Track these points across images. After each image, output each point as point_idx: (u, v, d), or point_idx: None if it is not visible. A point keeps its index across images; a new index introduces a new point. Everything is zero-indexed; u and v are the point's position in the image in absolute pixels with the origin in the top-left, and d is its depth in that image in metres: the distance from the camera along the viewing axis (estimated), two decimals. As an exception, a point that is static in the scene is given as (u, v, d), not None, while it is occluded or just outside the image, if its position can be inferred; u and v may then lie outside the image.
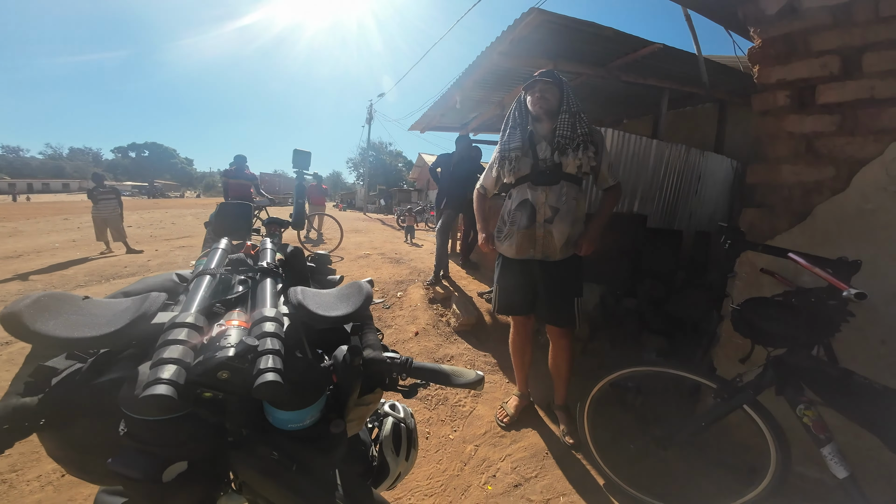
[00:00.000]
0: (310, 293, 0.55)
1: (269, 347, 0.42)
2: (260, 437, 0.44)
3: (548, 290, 1.67)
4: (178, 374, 0.36)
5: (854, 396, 0.94)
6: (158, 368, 0.36)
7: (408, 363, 0.57)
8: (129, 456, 0.38)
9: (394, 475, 0.78)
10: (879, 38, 1.25)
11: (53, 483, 1.44)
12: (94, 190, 5.82)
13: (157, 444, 0.39)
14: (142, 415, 0.38)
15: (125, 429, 0.39)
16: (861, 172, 1.31)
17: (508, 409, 1.94)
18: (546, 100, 1.58)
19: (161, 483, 0.38)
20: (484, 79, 4.34)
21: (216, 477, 0.45)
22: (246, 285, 0.57)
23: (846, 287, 0.85)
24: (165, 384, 0.35)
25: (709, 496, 1.32)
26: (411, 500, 1.47)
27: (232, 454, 0.43)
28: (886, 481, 1.18)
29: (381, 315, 3.21)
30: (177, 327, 0.41)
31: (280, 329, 0.46)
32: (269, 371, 0.39)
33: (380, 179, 37.71)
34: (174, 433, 0.39)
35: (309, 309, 0.51)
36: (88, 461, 0.44)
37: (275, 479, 0.41)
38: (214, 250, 0.64)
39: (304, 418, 0.45)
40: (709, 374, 1.29)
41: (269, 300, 0.52)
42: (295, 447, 0.44)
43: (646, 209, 3.87)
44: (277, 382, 0.39)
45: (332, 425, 0.48)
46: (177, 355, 0.38)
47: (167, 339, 0.39)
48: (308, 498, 0.40)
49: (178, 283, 0.58)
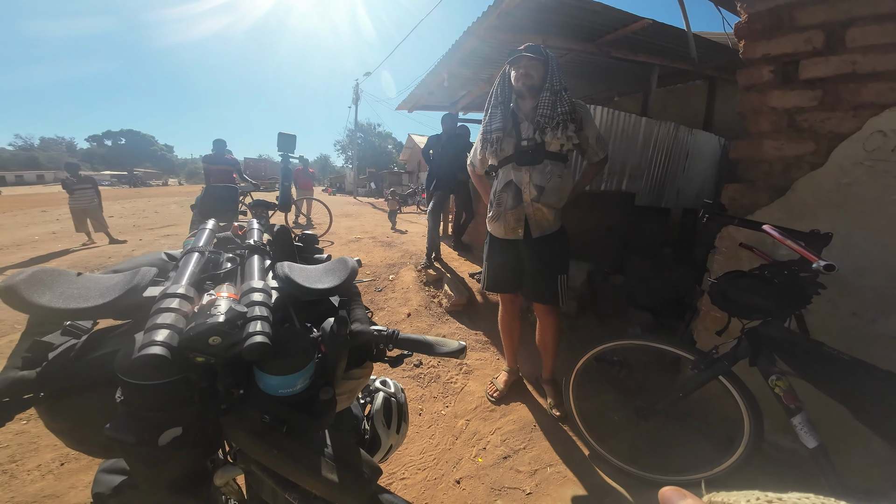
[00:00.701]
0: (297, 267, 0.57)
1: (258, 314, 0.44)
2: (251, 402, 0.46)
3: (533, 268, 1.70)
4: (170, 338, 0.38)
5: (824, 367, 0.98)
6: (152, 332, 0.38)
7: (394, 335, 0.60)
8: (125, 421, 0.40)
9: (385, 448, 0.82)
10: (863, 13, 1.25)
11: (54, 472, 1.46)
12: (70, 180, 5.61)
13: (152, 408, 0.41)
14: (137, 378, 0.40)
15: (121, 396, 0.41)
16: (840, 147, 1.33)
17: (498, 385, 2.01)
18: (530, 76, 1.56)
19: (157, 446, 0.40)
20: (472, 56, 4.22)
21: (210, 443, 0.47)
22: (235, 262, 0.59)
23: (816, 259, 0.88)
24: (159, 345, 0.37)
25: (688, 464, 1.39)
26: (405, 474, 1.53)
27: (224, 419, 0.45)
28: (854, 451, 1.24)
29: (373, 298, 3.23)
30: (168, 297, 0.43)
31: (268, 298, 0.48)
32: (258, 334, 0.41)
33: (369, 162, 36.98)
34: (168, 397, 0.41)
35: (295, 281, 0.53)
36: (86, 432, 0.46)
37: (264, 439, 0.43)
38: (202, 230, 0.66)
39: (294, 384, 0.47)
40: (687, 346, 1.34)
41: (258, 274, 0.54)
42: (285, 411, 0.46)
43: (634, 187, 3.90)
44: (265, 343, 0.41)
45: (322, 392, 0.50)
46: (170, 321, 0.40)
47: (160, 308, 0.41)
48: (296, 457, 0.42)
49: (168, 261, 0.60)
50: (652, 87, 4.42)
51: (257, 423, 0.44)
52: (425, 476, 1.52)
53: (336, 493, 0.42)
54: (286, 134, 1.05)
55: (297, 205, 6.49)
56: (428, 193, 3.94)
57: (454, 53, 4.07)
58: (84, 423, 0.45)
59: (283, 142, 1.03)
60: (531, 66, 1.56)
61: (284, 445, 0.43)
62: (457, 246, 4.30)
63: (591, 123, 1.65)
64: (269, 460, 0.43)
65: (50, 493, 1.37)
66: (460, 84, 5.40)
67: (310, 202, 7.18)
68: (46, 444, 1.58)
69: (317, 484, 0.42)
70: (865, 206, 1.30)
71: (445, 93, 5.76)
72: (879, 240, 1.29)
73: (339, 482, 0.41)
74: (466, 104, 6.30)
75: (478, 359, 2.39)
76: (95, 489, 0.54)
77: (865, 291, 1.32)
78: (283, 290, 0.54)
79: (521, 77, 1.57)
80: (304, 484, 0.43)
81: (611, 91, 6.34)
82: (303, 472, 0.42)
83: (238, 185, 5.11)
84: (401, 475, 1.52)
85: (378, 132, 48.68)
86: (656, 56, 4.17)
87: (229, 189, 0.98)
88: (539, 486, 1.47)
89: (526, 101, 1.61)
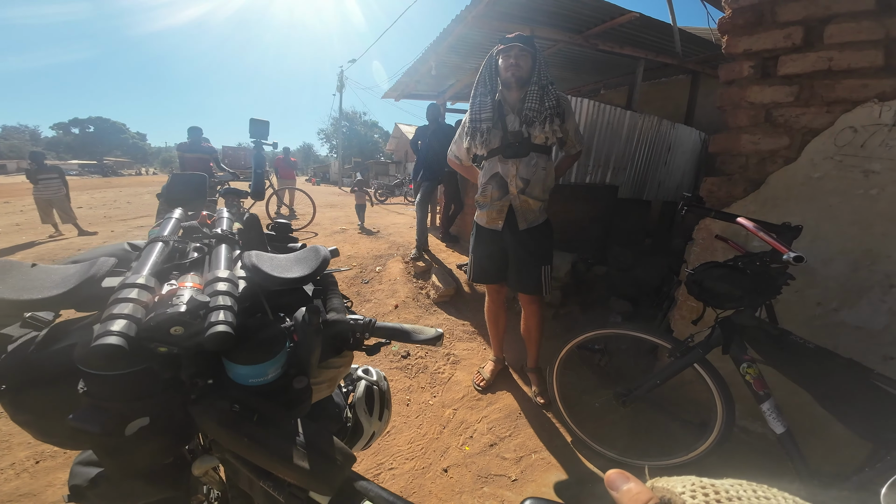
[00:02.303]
0: (265, 256, 0.56)
1: (221, 303, 0.43)
2: (220, 392, 0.46)
3: (517, 259, 1.73)
4: (127, 328, 0.37)
5: (790, 355, 1.03)
6: (108, 322, 0.37)
7: (370, 323, 0.60)
8: (89, 412, 0.40)
9: (367, 434, 0.83)
10: (842, 10, 1.28)
11: (29, 470, 1.42)
12: (33, 170, 5.30)
13: (115, 398, 0.41)
14: (95, 368, 0.40)
15: (84, 387, 0.40)
16: (812, 142, 1.38)
17: (485, 374, 2.04)
18: (519, 67, 1.55)
19: (123, 437, 0.40)
20: (460, 43, 4.15)
21: (180, 433, 0.47)
22: (201, 252, 0.58)
23: (786, 250, 0.92)
24: (116, 335, 0.36)
25: (665, 449, 1.45)
26: (393, 464, 1.55)
27: (193, 409, 0.45)
28: (817, 435, 1.31)
29: (360, 290, 3.21)
30: (127, 287, 0.42)
31: (233, 288, 0.47)
32: (220, 323, 0.41)
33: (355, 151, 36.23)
34: (131, 388, 0.41)
35: (262, 270, 0.52)
36: (52, 424, 0.46)
37: (233, 428, 0.43)
38: (168, 219, 0.64)
39: (265, 373, 0.47)
40: (664, 335, 1.39)
41: (224, 263, 0.53)
42: (256, 401, 0.46)
43: (617, 180, 3.96)
44: (227, 333, 0.40)
45: (296, 381, 0.50)
46: (127, 311, 0.39)
47: (117, 298, 0.40)
48: (267, 445, 0.42)
49: (130, 252, 0.58)
50: (637, 81, 4.46)
51: (226, 413, 0.44)
52: (413, 465, 1.54)
53: (308, 479, 0.42)
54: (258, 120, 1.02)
55: (278, 195, 6.32)
56: (415, 184, 3.91)
57: (442, 41, 4.00)
58: (49, 415, 0.44)
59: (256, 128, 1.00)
60: (521, 56, 1.55)
61: (254, 434, 0.43)
62: (445, 237, 4.29)
63: (572, 117, 1.66)
64: (239, 449, 0.43)
65: (26, 491, 1.33)
66: (448, 72, 5.31)
67: (292, 192, 7.00)
68: (20, 442, 1.53)
69: (288, 471, 0.42)
70: (833, 199, 1.36)
71: (433, 81, 5.66)
72: (844, 232, 1.35)
73: (311, 469, 0.42)
74: (454, 93, 6.21)
75: (465, 349, 2.42)
76: (72, 481, 0.53)
77: (830, 281, 1.39)
78: (250, 280, 0.53)
79: (510, 67, 1.55)
80: (277, 471, 0.43)
81: (597, 84, 6.37)
82: (274, 460, 0.42)
83: (215, 174, 4.93)
84: (389, 465, 1.54)
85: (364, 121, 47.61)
86: (642, 49, 4.20)
87: (197, 177, 0.94)
88: (524, 472, 1.52)
89: (512, 91, 1.60)
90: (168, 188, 0.93)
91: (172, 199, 0.86)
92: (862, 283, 1.34)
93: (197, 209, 0.78)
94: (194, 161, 5.08)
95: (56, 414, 0.43)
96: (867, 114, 1.27)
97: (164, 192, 0.89)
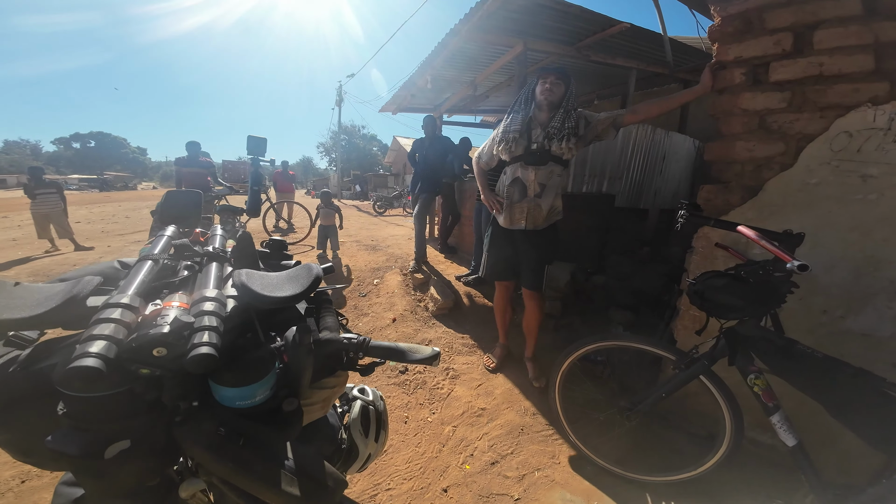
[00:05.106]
0: (256, 275, 0.55)
1: (206, 324, 0.42)
2: (206, 415, 0.45)
3: (527, 257, 1.96)
4: (107, 349, 0.37)
5: (798, 365, 1.00)
6: (87, 344, 0.37)
7: (364, 343, 0.58)
8: (67, 434, 0.39)
9: (363, 456, 0.80)
10: (829, 15, 1.29)
11: (14, 490, 1.38)
12: (31, 185, 5.31)
13: (94, 420, 0.40)
14: (73, 390, 0.38)
15: (63, 408, 0.40)
16: (808, 148, 1.37)
17: (494, 357, 2.33)
18: (553, 92, 1.79)
19: (103, 459, 0.39)
20: (455, 57, 4.21)
21: (163, 456, 0.45)
22: (191, 270, 0.57)
23: (790, 259, 0.90)
24: (93, 357, 0.35)
25: (672, 464, 1.40)
26: (390, 484, 1.49)
27: (177, 432, 0.43)
28: (829, 446, 1.27)
29: (357, 303, 3.17)
30: (110, 307, 0.41)
31: (220, 308, 0.46)
32: (203, 345, 0.40)
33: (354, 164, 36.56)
34: (111, 409, 0.40)
35: (252, 289, 0.51)
36: (32, 444, 0.44)
37: (219, 452, 0.42)
38: (160, 237, 0.64)
39: (253, 395, 0.46)
40: (668, 346, 1.36)
41: (213, 282, 0.52)
42: (244, 424, 0.45)
43: (614, 189, 3.97)
44: (210, 355, 0.39)
45: (286, 403, 0.49)
46: (108, 332, 0.38)
47: (99, 318, 0.40)
48: (254, 470, 0.41)
49: (119, 270, 0.58)
50: (630, 91, 4.52)
51: (212, 436, 0.42)
52: (411, 486, 1.48)
53: None
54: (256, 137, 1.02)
55: (276, 209, 6.32)
56: (413, 196, 3.91)
57: (438, 55, 4.06)
58: (29, 435, 0.44)
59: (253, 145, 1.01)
60: (556, 83, 1.78)
61: (241, 458, 0.41)
62: (443, 249, 4.28)
63: (596, 119, 1.83)
64: (225, 474, 0.42)
65: (9, 513, 1.28)
66: (445, 85, 5.39)
67: (290, 206, 7.01)
68: (5, 462, 1.49)
69: (276, 497, 0.41)
70: (831, 205, 1.35)
71: (430, 94, 5.74)
72: (845, 238, 1.34)
73: (301, 495, 0.40)
74: (451, 106, 6.29)
75: (465, 363, 2.37)
76: (55, 501, 0.52)
77: (833, 289, 1.37)
78: (240, 299, 0.52)
79: (545, 91, 1.79)
80: (264, 497, 0.42)
81: (590, 94, 6.46)
82: (261, 486, 0.41)
83: (213, 188, 4.94)
84: (386, 486, 1.48)
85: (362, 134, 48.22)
86: (634, 60, 4.27)
87: (191, 194, 0.93)
88: (527, 491, 1.46)
89: (543, 112, 1.83)
90: (162, 205, 0.92)
91: (167, 216, 0.86)
92: (866, 289, 1.31)
93: (191, 226, 0.78)
94: (191, 175, 5.07)
95: (36, 434, 0.42)
96: (861, 118, 1.27)
97: (159, 209, 0.88)
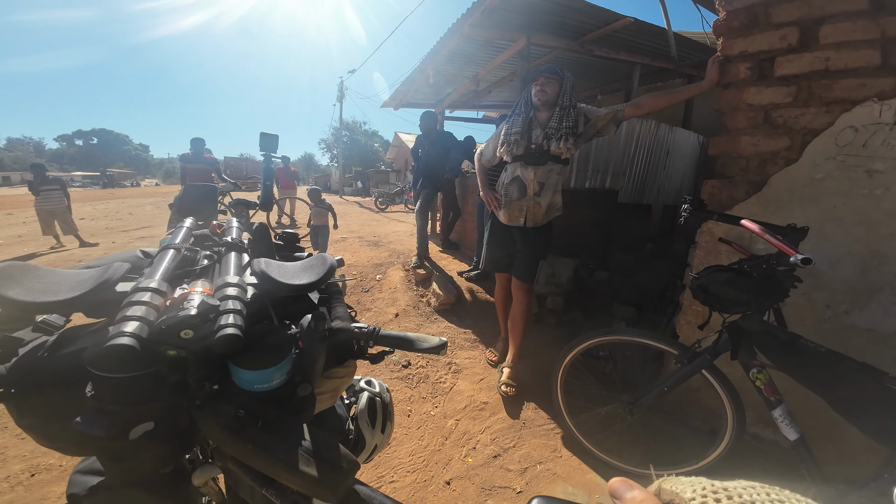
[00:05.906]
0: (274, 264, 0.56)
1: (231, 307, 0.44)
2: (225, 397, 0.46)
3: (522, 251, 2.02)
4: (140, 329, 0.38)
5: (801, 360, 1.00)
6: (122, 324, 0.38)
7: (374, 332, 0.59)
8: (94, 415, 0.40)
9: (370, 447, 0.82)
10: (836, 10, 1.28)
11: (24, 483, 1.40)
12: (35, 181, 5.35)
13: (122, 402, 0.41)
14: (105, 370, 0.39)
15: (91, 390, 0.40)
16: (813, 143, 1.36)
17: (496, 351, 2.36)
18: (545, 92, 1.79)
19: (128, 441, 0.40)
20: (457, 53, 4.19)
21: (183, 439, 0.47)
22: (211, 259, 0.59)
23: (793, 252, 0.90)
24: (129, 336, 0.36)
25: (673, 458, 1.41)
26: (394, 476, 1.51)
27: (197, 414, 0.45)
28: (832, 441, 1.28)
29: (360, 299, 3.18)
30: (140, 291, 0.42)
31: (243, 293, 0.48)
32: (229, 326, 0.41)
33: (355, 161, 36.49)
34: (138, 391, 0.41)
35: (271, 276, 0.52)
36: (57, 429, 0.45)
37: (238, 433, 0.43)
38: (180, 228, 0.66)
39: (270, 379, 0.47)
40: (670, 340, 1.36)
41: (234, 270, 0.54)
42: (261, 407, 0.46)
43: (617, 184, 3.95)
44: (236, 335, 0.41)
45: (300, 388, 0.50)
46: (140, 313, 0.39)
47: (131, 301, 0.41)
48: (272, 451, 0.42)
49: (143, 259, 0.59)
50: (634, 86, 4.48)
51: (231, 418, 0.43)
52: (415, 478, 1.50)
53: (313, 487, 0.41)
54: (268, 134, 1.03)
55: (279, 204, 6.35)
56: (415, 192, 3.91)
57: (439, 50, 4.03)
58: (55, 420, 0.44)
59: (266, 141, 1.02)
60: (546, 83, 1.78)
61: (259, 440, 0.42)
62: (444, 244, 4.28)
63: (596, 115, 1.79)
64: (243, 455, 0.43)
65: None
66: (446, 81, 5.36)
67: (293, 201, 7.04)
68: (14, 455, 1.51)
69: (293, 478, 0.42)
70: (837, 199, 1.35)
71: (431, 90, 5.72)
72: (850, 233, 1.33)
73: (318, 476, 0.41)
74: (452, 102, 6.26)
75: (467, 357, 2.38)
76: (70, 490, 0.53)
77: (838, 284, 1.36)
78: (259, 287, 0.54)
79: (537, 93, 1.81)
80: (281, 478, 0.43)
81: (594, 90, 6.41)
82: (278, 467, 0.42)
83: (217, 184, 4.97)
84: (390, 478, 1.50)
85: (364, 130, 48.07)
86: (638, 54, 4.23)
87: (208, 188, 0.97)
88: (529, 484, 1.47)
89: (541, 112, 1.86)
90: (180, 199, 0.96)
91: (184, 209, 0.88)
92: (871, 284, 1.31)
93: (208, 219, 0.80)
94: (196, 172, 5.13)
95: (62, 418, 0.43)
96: (867, 113, 1.26)
97: (177, 203, 0.92)
